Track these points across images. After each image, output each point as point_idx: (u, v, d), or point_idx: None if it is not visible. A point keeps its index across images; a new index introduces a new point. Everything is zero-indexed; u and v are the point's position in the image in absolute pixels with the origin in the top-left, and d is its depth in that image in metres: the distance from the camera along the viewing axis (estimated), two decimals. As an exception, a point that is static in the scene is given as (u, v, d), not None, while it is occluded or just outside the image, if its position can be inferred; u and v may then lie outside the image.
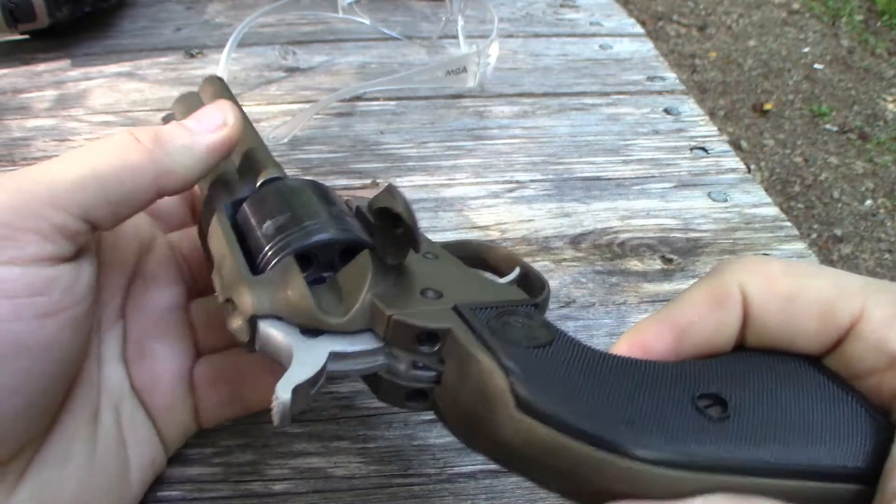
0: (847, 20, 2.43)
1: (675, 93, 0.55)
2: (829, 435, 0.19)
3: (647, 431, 0.18)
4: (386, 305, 0.22)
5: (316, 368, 0.21)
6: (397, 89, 0.53)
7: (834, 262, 1.60)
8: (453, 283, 0.24)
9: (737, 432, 0.19)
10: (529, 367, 0.20)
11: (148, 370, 0.28)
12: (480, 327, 0.21)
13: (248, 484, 0.29)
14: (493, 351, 0.20)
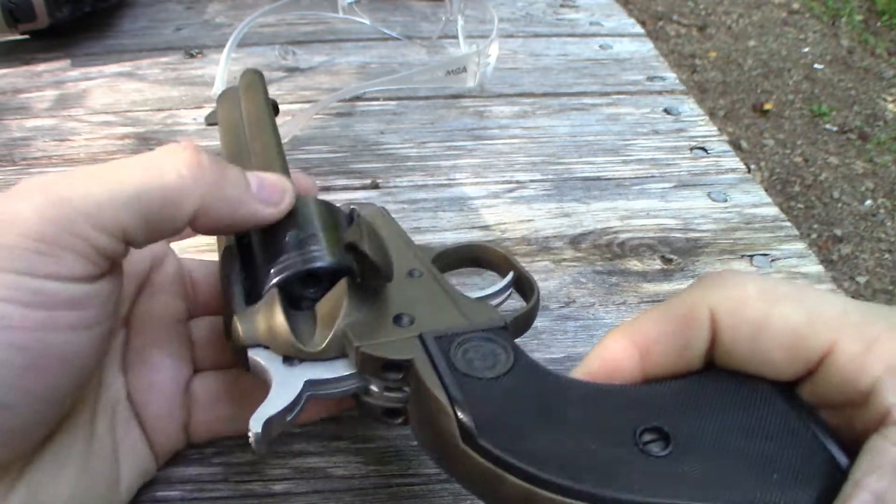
0: (847, 20, 2.43)
1: (675, 93, 0.55)
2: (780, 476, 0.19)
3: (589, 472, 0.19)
4: (355, 336, 0.24)
5: (291, 398, 0.23)
6: (397, 89, 0.53)
7: (834, 262, 1.60)
8: (428, 308, 0.25)
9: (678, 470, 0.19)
10: (479, 400, 0.21)
11: (145, 379, 0.28)
12: (439, 358, 0.23)
13: (247, 484, 0.29)
14: (446, 385, 0.22)
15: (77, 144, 0.47)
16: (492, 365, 0.23)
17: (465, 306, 0.26)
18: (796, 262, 0.41)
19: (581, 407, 0.21)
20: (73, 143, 0.47)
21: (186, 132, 0.48)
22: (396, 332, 0.24)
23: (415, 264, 0.28)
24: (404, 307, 0.25)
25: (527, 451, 0.20)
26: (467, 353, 0.23)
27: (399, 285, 0.26)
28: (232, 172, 0.25)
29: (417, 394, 0.23)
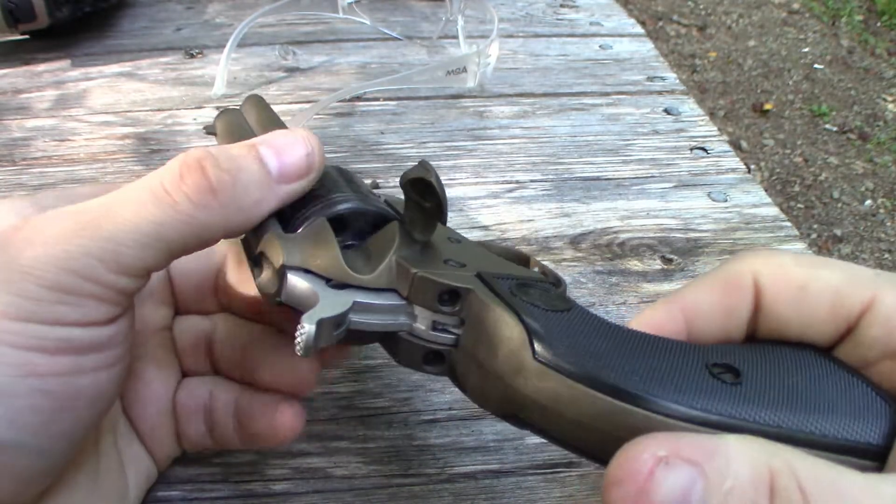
0: (847, 20, 2.43)
1: (675, 93, 0.55)
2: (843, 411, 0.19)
3: (665, 387, 0.18)
4: (411, 265, 0.22)
5: (341, 309, 0.21)
6: (397, 89, 0.53)
7: (834, 262, 1.60)
8: (476, 260, 0.24)
9: (750, 396, 0.19)
10: (548, 325, 0.20)
11: (136, 393, 0.27)
12: (501, 289, 0.22)
13: (248, 484, 0.29)
14: (513, 307, 0.21)
15: (77, 144, 0.47)
16: (552, 303, 0.22)
17: (511, 265, 0.25)
18: (796, 262, 0.41)
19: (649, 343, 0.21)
20: (73, 143, 0.47)
21: (186, 132, 0.48)
22: (451, 269, 0.23)
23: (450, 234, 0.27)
24: (452, 256, 0.24)
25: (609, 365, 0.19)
26: (527, 292, 0.22)
27: (442, 243, 0.25)
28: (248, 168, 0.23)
29: (478, 320, 0.22)
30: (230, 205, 0.22)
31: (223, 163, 0.22)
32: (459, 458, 0.30)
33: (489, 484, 0.29)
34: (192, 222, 0.22)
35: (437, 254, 0.24)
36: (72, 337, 0.21)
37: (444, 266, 0.23)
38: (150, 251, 0.21)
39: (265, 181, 0.23)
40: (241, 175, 0.22)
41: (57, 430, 0.21)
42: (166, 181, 0.22)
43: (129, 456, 0.27)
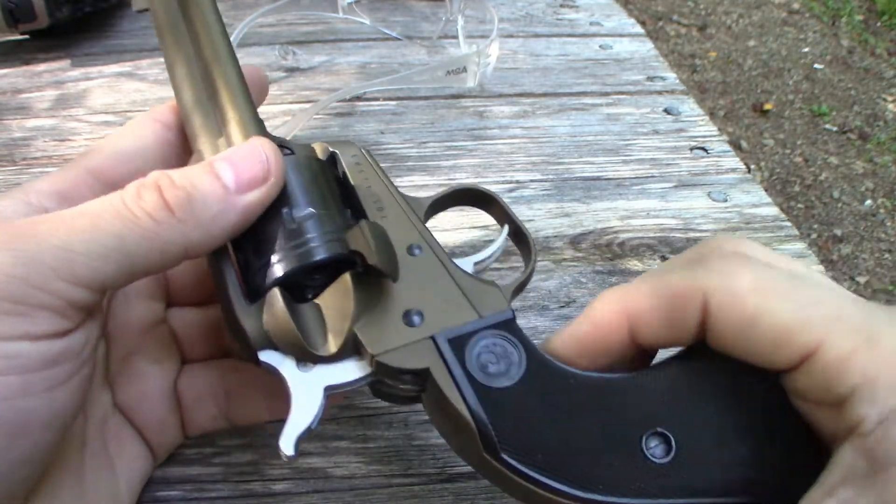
0: (847, 20, 2.43)
1: (675, 93, 0.55)
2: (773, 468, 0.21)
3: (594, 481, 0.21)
4: (368, 343, 0.24)
5: (314, 411, 0.23)
6: (397, 89, 0.53)
7: (834, 262, 1.60)
8: (435, 298, 0.25)
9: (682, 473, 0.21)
10: (498, 412, 0.22)
11: (135, 388, 0.27)
12: (455, 366, 0.23)
13: (248, 484, 0.29)
14: (466, 398, 0.23)
15: (77, 144, 0.47)
16: (506, 368, 0.23)
17: (470, 289, 0.25)
18: (796, 262, 0.41)
19: (590, 409, 0.23)
20: (73, 143, 0.47)
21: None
22: (408, 334, 0.24)
23: (412, 234, 0.27)
24: (411, 299, 0.25)
25: (543, 461, 0.22)
26: (481, 355, 0.24)
27: (402, 267, 0.26)
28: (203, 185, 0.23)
29: (437, 400, 0.24)
30: (188, 220, 0.22)
31: (178, 181, 0.23)
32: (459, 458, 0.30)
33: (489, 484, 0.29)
34: (152, 238, 0.22)
35: (394, 302, 0.25)
36: (19, 353, 0.19)
37: (401, 327, 0.24)
38: (109, 264, 0.21)
39: (223, 194, 0.23)
40: (196, 190, 0.23)
41: (12, 458, 0.20)
42: (126, 198, 0.22)
43: (122, 455, 0.26)
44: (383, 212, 0.28)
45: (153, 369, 0.28)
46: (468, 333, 0.24)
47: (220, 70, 0.28)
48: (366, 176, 0.29)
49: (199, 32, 0.29)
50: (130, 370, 0.27)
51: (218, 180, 0.23)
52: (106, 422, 0.26)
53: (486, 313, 0.25)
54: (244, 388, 0.28)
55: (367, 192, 0.28)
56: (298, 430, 0.23)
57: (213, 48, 0.29)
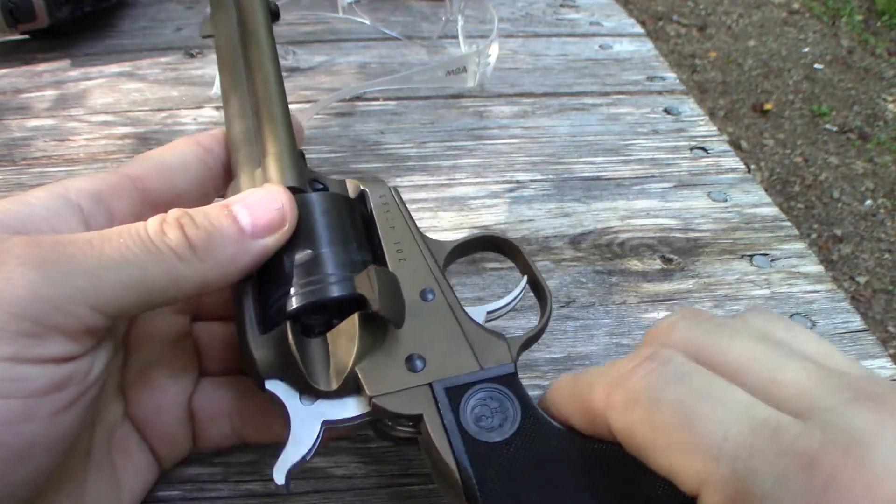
0: (847, 20, 2.43)
1: (675, 93, 0.55)
2: None
3: None
4: (368, 384, 0.24)
5: (310, 444, 0.24)
6: (397, 89, 0.53)
7: (834, 262, 1.60)
8: (439, 345, 0.25)
9: None
10: (486, 467, 0.23)
11: (148, 400, 0.27)
12: (449, 417, 0.24)
13: (247, 484, 0.29)
14: (454, 450, 0.23)
15: (77, 144, 0.47)
16: (500, 423, 0.24)
17: (477, 340, 0.26)
18: (796, 262, 0.41)
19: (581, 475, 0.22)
20: (73, 143, 0.47)
21: (186, 132, 0.48)
22: (407, 379, 0.24)
23: (427, 279, 0.28)
24: (416, 344, 0.25)
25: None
26: (475, 408, 0.24)
27: (411, 312, 0.26)
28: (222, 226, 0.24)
29: (428, 447, 0.24)
30: (208, 260, 0.23)
31: (199, 221, 0.24)
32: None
33: (489, 484, 0.29)
34: (173, 273, 0.22)
35: (398, 345, 0.25)
36: (26, 376, 0.19)
37: (402, 372, 0.25)
38: (131, 294, 0.21)
39: (239, 237, 0.24)
40: (215, 232, 0.24)
41: (12, 481, 0.20)
42: (151, 232, 0.23)
43: (128, 464, 0.26)
44: (402, 254, 0.28)
45: (170, 383, 0.28)
46: (466, 384, 0.24)
47: (268, 107, 0.30)
48: (391, 217, 0.29)
49: (255, 69, 0.31)
50: (147, 382, 0.27)
51: (235, 224, 0.24)
52: (114, 432, 0.26)
53: (489, 365, 0.25)
54: (260, 409, 0.28)
55: (390, 234, 0.29)
56: (292, 461, 0.23)
57: (266, 85, 0.31)
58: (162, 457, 0.28)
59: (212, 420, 0.28)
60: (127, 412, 0.27)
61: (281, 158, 0.29)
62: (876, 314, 1.49)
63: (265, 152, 0.29)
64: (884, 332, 1.45)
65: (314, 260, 0.26)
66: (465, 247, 0.30)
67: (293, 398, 0.25)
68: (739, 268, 0.40)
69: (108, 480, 0.25)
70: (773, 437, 0.17)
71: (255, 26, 0.33)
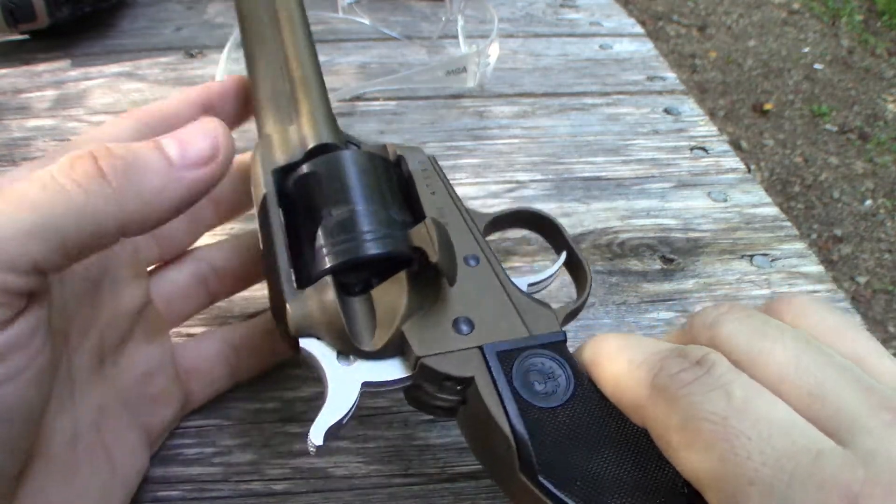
0: (847, 20, 2.43)
1: (675, 93, 0.55)
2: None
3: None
4: (416, 342, 0.23)
5: (349, 405, 0.23)
6: (397, 89, 0.53)
7: (834, 262, 1.60)
8: (487, 310, 0.25)
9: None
10: (539, 433, 0.22)
11: (133, 373, 0.27)
12: (501, 380, 0.23)
13: (247, 484, 0.29)
14: (508, 414, 0.22)
15: (77, 144, 0.47)
16: (553, 390, 0.23)
17: (523, 306, 0.25)
18: (796, 262, 0.41)
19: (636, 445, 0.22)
20: (73, 143, 0.47)
21: (186, 132, 0.48)
22: (457, 341, 0.24)
23: (470, 245, 0.27)
24: (463, 308, 0.25)
25: (581, 490, 0.21)
26: (528, 372, 0.23)
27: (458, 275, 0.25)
28: (145, 156, 0.22)
29: (477, 412, 0.23)
30: (126, 190, 0.21)
31: (116, 151, 0.22)
32: (459, 458, 0.30)
33: (489, 484, 0.29)
34: (84, 209, 0.20)
35: (446, 308, 0.24)
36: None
37: (450, 333, 0.24)
38: (38, 242, 0.19)
39: (166, 169, 0.22)
40: (136, 161, 0.22)
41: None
42: (54, 171, 0.21)
43: (120, 446, 0.26)
44: (444, 219, 0.27)
45: (146, 349, 0.28)
46: (517, 349, 0.24)
47: (300, 65, 0.30)
48: (430, 183, 0.29)
49: (283, 27, 0.31)
50: (126, 355, 0.27)
51: (161, 154, 0.22)
52: (102, 413, 0.26)
53: (538, 332, 0.24)
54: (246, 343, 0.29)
55: (430, 199, 0.28)
56: (330, 422, 0.22)
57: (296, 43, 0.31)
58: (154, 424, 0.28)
59: (202, 368, 0.29)
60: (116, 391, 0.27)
61: (315, 116, 0.28)
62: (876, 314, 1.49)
63: (299, 111, 0.29)
64: (884, 332, 1.46)
65: (355, 216, 0.25)
66: (504, 219, 0.30)
67: (330, 358, 0.24)
68: (739, 268, 0.40)
69: (101, 466, 0.25)
70: (814, 465, 0.17)
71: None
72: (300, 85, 0.30)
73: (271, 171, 0.27)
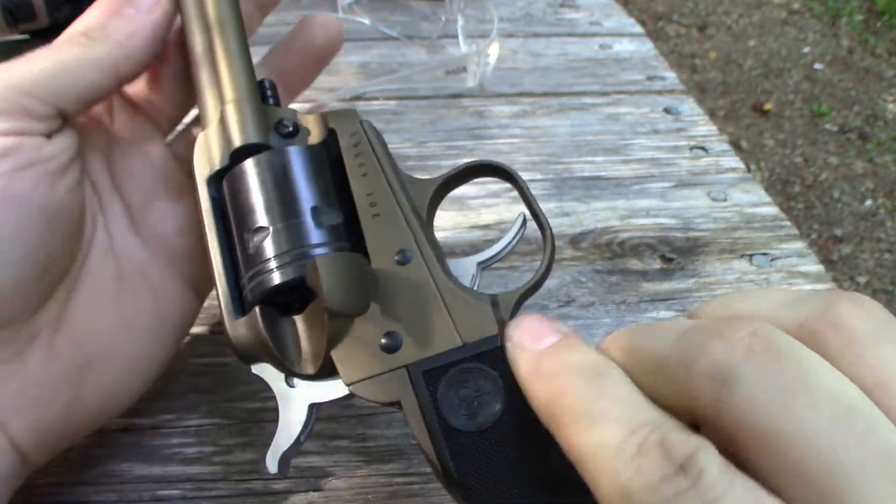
0: (847, 20, 2.43)
1: (675, 92, 0.56)
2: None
3: None
4: (344, 368, 0.23)
5: (299, 427, 0.24)
6: (397, 89, 0.53)
7: (834, 262, 1.60)
8: (416, 320, 0.23)
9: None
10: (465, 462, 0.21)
11: (164, 227, 0.29)
12: (427, 405, 0.22)
13: (247, 483, 0.29)
14: (433, 439, 0.21)
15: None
16: (482, 407, 0.21)
17: (458, 307, 0.23)
18: (796, 262, 0.41)
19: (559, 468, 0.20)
20: (73, 143, 0.47)
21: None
22: (383, 361, 0.23)
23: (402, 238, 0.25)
24: (392, 321, 0.23)
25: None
26: (457, 390, 0.22)
27: (386, 282, 0.24)
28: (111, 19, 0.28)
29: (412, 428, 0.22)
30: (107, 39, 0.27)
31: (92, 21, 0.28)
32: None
33: (489, 483, 0.29)
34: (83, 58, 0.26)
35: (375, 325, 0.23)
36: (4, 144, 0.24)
37: (378, 354, 0.23)
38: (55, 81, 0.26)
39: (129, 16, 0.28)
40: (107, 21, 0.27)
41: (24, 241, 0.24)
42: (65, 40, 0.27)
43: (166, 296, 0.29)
44: (376, 207, 0.25)
45: (177, 206, 0.30)
46: (445, 365, 0.22)
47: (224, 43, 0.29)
48: (362, 160, 0.26)
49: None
50: (156, 213, 0.29)
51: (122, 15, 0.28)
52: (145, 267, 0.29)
53: (471, 337, 0.22)
54: None
55: (361, 183, 0.26)
56: (283, 446, 0.23)
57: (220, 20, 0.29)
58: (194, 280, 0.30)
59: None
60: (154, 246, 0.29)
61: (241, 107, 0.27)
62: (876, 314, 1.49)
63: (223, 98, 0.28)
64: (884, 331, 1.45)
65: (272, 237, 0.24)
66: (453, 179, 0.27)
67: (278, 381, 0.24)
68: (739, 267, 0.40)
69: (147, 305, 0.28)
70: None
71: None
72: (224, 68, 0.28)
73: (206, 180, 0.27)
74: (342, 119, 0.28)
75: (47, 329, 0.25)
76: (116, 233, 0.29)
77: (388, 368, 0.23)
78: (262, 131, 0.27)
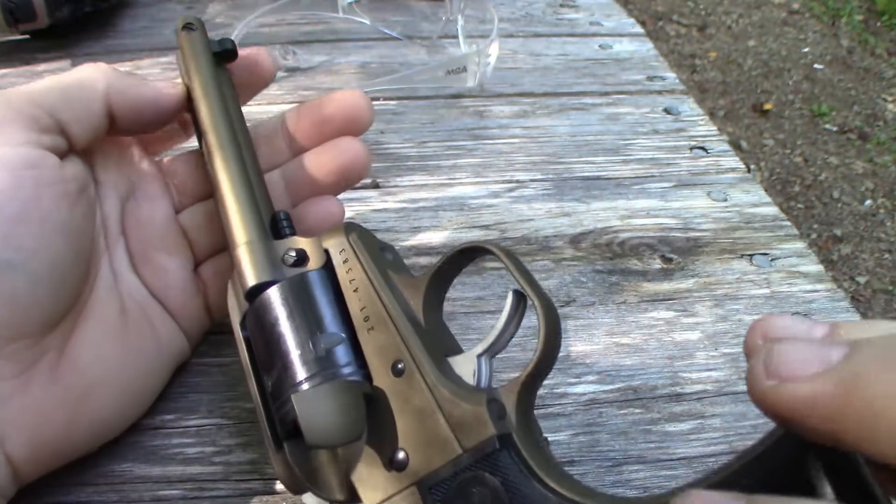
0: (847, 20, 2.43)
1: (675, 93, 0.56)
2: None
3: None
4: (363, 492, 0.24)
5: None
6: (397, 89, 0.53)
7: (834, 262, 1.60)
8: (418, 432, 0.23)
9: None
10: None
11: (157, 279, 0.31)
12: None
13: (247, 483, 0.29)
14: None
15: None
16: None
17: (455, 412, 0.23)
18: (796, 262, 0.41)
19: None
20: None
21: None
22: (395, 481, 0.23)
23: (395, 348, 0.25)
24: (398, 437, 0.23)
25: None
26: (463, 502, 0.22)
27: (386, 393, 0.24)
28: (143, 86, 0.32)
29: None
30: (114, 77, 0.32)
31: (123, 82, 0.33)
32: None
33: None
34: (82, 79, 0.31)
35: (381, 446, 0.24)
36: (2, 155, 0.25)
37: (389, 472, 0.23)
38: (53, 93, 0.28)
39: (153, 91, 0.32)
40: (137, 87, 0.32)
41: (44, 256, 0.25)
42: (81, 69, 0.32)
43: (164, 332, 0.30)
44: (370, 321, 0.26)
45: (170, 260, 0.32)
46: (449, 478, 0.22)
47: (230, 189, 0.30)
48: (353, 276, 0.27)
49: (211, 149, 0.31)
50: (150, 263, 0.31)
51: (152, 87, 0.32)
52: (145, 304, 0.30)
53: (470, 443, 0.22)
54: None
55: (354, 299, 0.27)
56: None
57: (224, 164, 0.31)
58: (186, 328, 0.32)
59: (217, 287, 0.32)
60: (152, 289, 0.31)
61: (251, 251, 0.29)
62: (876, 314, 1.49)
63: (234, 243, 0.29)
64: (884, 332, 1.45)
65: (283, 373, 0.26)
66: (442, 271, 0.27)
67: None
68: (739, 267, 0.40)
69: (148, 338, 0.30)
70: None
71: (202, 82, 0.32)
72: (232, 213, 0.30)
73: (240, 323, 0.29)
74: (331, 237, 0.28)
75: (53, 352, 0.26)
76: (120, 271, 0.30)
77: (401, 488, 0.23)
78: (270, 269, 0.28)
